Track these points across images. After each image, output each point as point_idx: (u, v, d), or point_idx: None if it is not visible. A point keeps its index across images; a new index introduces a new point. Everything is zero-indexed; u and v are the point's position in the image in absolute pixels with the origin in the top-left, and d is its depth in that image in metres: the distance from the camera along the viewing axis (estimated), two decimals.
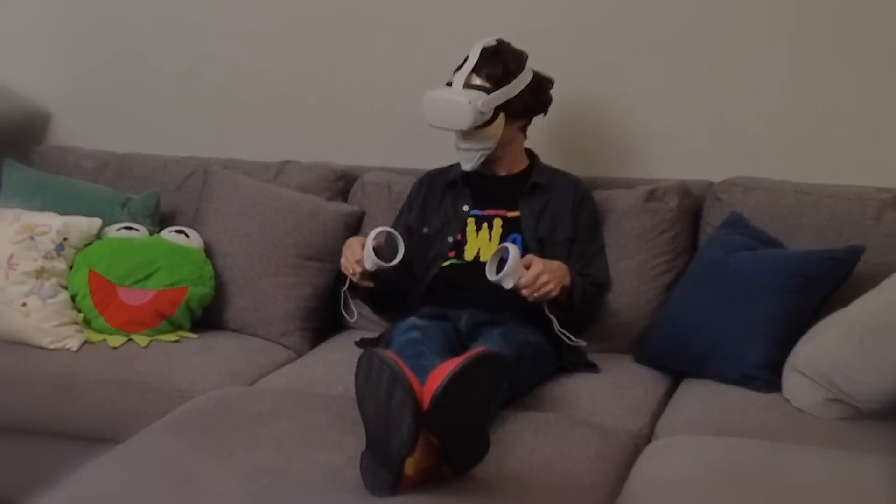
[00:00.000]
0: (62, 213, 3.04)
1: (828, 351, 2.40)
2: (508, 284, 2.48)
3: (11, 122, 3.63)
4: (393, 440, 1.87)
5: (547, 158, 3.05)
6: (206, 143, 3.53)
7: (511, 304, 2.71)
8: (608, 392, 2.60)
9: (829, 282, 2.58)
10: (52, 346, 2.83)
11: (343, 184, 3.29)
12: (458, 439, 1.94)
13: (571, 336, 2.63)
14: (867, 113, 3.07)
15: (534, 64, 2.88)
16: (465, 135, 2.79)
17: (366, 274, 2.62)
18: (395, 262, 2.59)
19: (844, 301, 2.54)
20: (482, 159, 2.85)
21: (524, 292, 2.52)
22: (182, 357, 2.82)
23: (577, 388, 2.61)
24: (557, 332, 2.62)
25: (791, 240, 2.84)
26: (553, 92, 2.94)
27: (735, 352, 2.57)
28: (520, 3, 3.26)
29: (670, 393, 2.71)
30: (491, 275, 2.50)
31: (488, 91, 2.76)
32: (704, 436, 2.29)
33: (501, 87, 2.79)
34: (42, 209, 3.07)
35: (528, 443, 2.19)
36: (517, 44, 2.88)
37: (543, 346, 2.68)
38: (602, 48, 3.23)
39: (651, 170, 3.22)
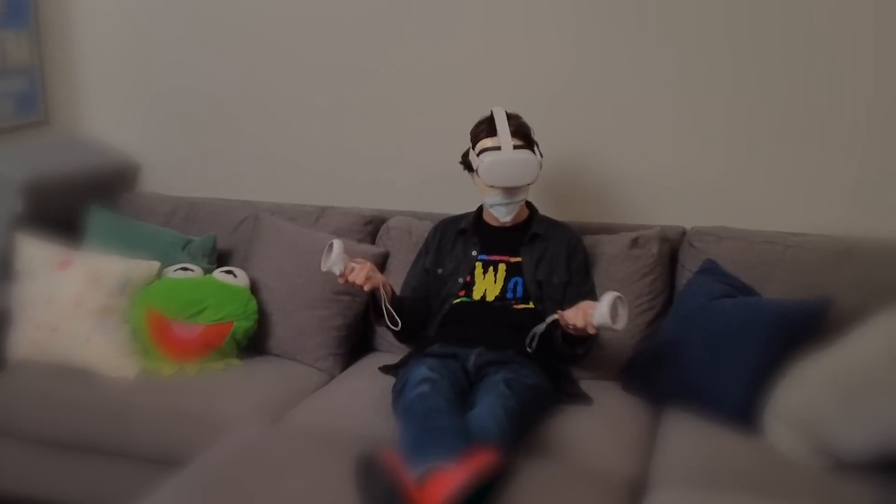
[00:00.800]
0: (133, 254, 2.45)
1: (810, 403, 1.77)
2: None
3: (106, 172, 3.02)
4: None
5: (543, 205, 2.45)
6: (262, 189, 2.92)
7: (513, 342, 2.14)
8: (602, 430, 1.97)
9: (804, 331, 1.94)
10: (111, 375, 2.23)
11: (372, 227, 2.66)
12: None
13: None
14: (821, 169, 2.44)
15: (534, 125, 2.30)
16: (514, 190, 2.21)
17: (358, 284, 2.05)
18: (329, 264, 2.02)
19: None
20: (518, 209, 2.28)
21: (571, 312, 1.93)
22: (225, 387, 2.21)
23: (574, 427, 1.98)
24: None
25: (763, 286, 2.21)
26: (549, 149, 2.34)
27: (718, 393, 1.94)
28: (522, 76, 2.62)
29: (656, 421, 2.07)
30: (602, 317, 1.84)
31: (529, 148, 2.22)
32: (699, 489, 1.64)
33: (532, 143, 2.24)
34: (117, 250, 2.47)
35: None
36: (521, 108, 2.30)
37: (543, 384, 2.06)
38: (590, 113, 2.60)
39: (631, 216, 2.61)
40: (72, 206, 2.75)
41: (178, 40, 3.00)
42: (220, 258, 2.65)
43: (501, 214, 2.27)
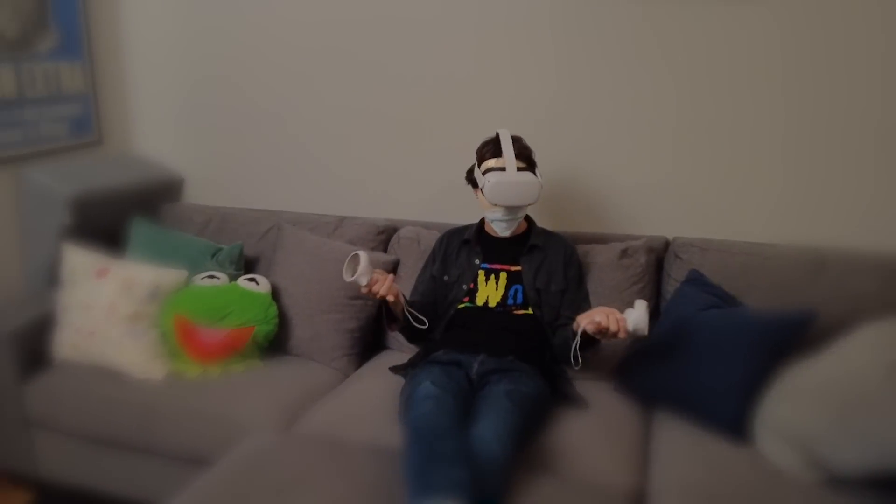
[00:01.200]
0: (168, 262, 2.24)
1: (802, 417, 1.49)
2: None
3: (153, 186, 2.81)
4: None
5: (539, 216, 2.21)
6: (290, 200, 2.71)
7: (513, 348, 1.91)
8: (598, 437, 1.70)
9: (789, 342, 1.66)
10: (141, 377, 2.02)
11: (384, 236, 2.42)
12: None
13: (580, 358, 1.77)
14: (791, 183, 2.18)
15: (532, 143, 2.04)
16: (515, 209, 1.97)
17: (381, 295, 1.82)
18: (357, 275, 1.76)
19: None
20: (517, 225, 2.03)
21: (601, 317, 1.65)
22: (245, 389, 1.97)
23: (571, 434, 1.70)
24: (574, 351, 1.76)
25: (745, 296, 1.94)
26: (544, 166, 2.09)
27: (708, 402, 1.68)
28: (522, 100, 2.37)
29: (649, 424, 1.82)
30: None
31: (531, 170, 1.97)
32: None
33: (534, 166, 1.99)
34: (154, 257, 2.28)
35: None
36: (520, 128, 2.05)
37: (542, 391, 1.81)
38: (580, 132, 2.34)
39: (618, 227, 2.35)
40: (119, 217, 2.56)
41: (219, 67, 2.78)
42: (248, 264, 2.43)
43: (501, 229, 2.03)
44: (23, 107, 2.49)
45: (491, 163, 1.98)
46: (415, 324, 1.93)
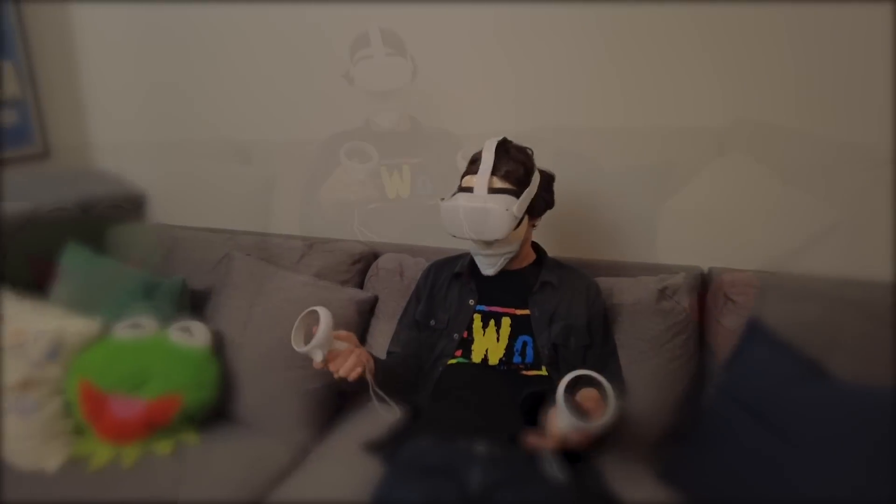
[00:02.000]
0: (92, 301, 1.53)
1: None
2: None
3: (107, 204, 2.09)
4: None
5: (545, 241, 1.49)
6: (256, 218, 2.00)
7: (524, 429, 1.19)
8: None
9: None
10: (28, 468, 1.30)
11: (361, 265, 1.71)
12: None
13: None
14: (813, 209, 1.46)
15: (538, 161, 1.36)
16: (489, 242, 1.28)
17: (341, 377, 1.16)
18: (309, 347, 1.11)
19: None
20: (506, 262, 1.33)
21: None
22: (163, 488, 1.25)
23: None
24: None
25: (827, 357, 1.20)
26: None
27: None
28: (513, 107, 1.66)
29: None
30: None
31: (514, 193, 1.25)
32: None
33: (524, 187, 1.27)
34: (78, 296, 1.58)
35: None
36: (516, 138, 1.35)
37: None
38: (593, 148, 1.63)
39: (636, 254, 1.63)
40: (59, 243, 1.85)
41: (179, 73, 2.07)
42: (197, 300, 1.70)
43: (483, 267, 1.35)
44: None
45: (466, 180, 1.31)
46: (382, 411, 1.24)
